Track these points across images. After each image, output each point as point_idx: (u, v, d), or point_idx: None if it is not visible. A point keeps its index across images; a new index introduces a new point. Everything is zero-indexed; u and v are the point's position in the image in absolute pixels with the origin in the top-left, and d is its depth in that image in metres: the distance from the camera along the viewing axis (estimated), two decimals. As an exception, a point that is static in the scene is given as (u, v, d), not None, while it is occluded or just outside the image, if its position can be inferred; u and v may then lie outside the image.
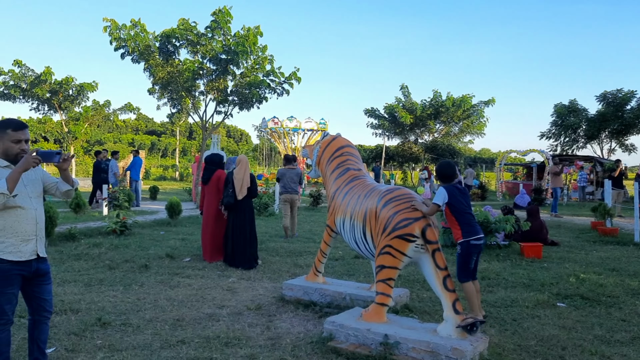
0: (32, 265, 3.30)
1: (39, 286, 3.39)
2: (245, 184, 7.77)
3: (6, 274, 3.19)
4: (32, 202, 3.29)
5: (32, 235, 3.27)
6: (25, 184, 3.28)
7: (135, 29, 15.06)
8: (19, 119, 3.40)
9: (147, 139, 71.95)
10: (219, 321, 4.93)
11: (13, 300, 3.26)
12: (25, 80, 25.24)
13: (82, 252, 8.15)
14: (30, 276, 3.32)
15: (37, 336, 3.46)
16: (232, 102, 16.60)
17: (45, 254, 3.41)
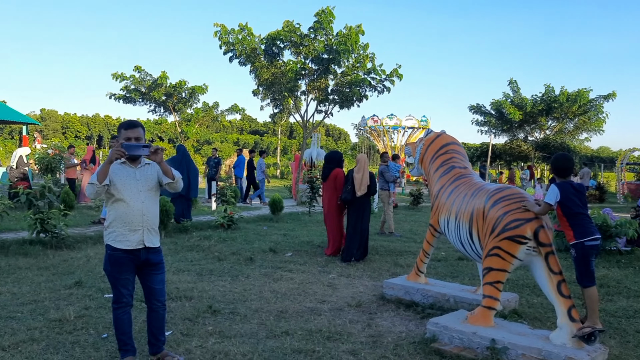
0: (140, 254, 3.56)
1: (149, 275, 3.66)
2: (365, 182, 8.03)
3: (118, 260, 3.52)
4: (139, 196, 3.54)
5: (139, 226, 3.52)
6: (137, 178, 3.56)
7: (242, 32, 15.77)
8: (136, 120, 3.68)
9: (250, 139, 75.15)
10: (320, 315, 5.00)
11: (128, 285, 3.57)
12: (144, 85, 27.37)
13: (194, 244, 8.68)
14: (141, 265, 3.60)
15: (150, 322, 3.73)
16: (332, 101, 16.82)
17: (154, 245, 3.62)
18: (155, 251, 3.65)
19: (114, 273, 3.54)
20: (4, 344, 3.96)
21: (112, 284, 3.59)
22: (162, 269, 3.72)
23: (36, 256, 7.42)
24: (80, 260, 7.23)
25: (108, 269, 3.56)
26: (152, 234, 3.62)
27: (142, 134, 3.56)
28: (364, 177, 8.03)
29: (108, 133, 75.97)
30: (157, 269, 3.68)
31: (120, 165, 3.58)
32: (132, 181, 3.55)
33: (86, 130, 75.67)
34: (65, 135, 71.06)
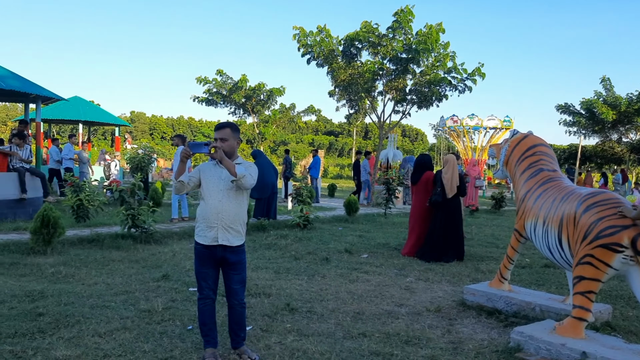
0: (217, 251, 3.67)
1: (227, 274, 3.78)
2: (455, 183, 8.00)
3: (198, 254, 3.75)
4: (218, 194, 3.67)
5: (214, 224, 3.65)
6: (222, 177, 3.69)
7: (320, 34, 15.94)
8: (227, 121, 3.85)
9: (325, 139, 75.80)
10: (398, 319, 4.94)
11: (208, 279, 3.74)
12: (225, 87, 28.37)
13: (271, 242, 8.88)
14: (219, 262, 3.74)
15: (230, 318, 3.86)
16: (410, 101, 16.59)
17: (231, 244, 3.68)
18: (233, 250, 3.71)
19: (196, 266, 3.77)
20: (100, 330, 4.25)
21: (196, 276, 3.81)
22: (240, 269, 3.78)
23: (127, 249, 7.89)
24: (167, 254, 7.61)
25: (194, 262, 3.80)
26: (229, 233, 3.69)
27: (229, 134, 3.70)
28: (454, 178, 7.98)
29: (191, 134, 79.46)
30: (235, 268, 3.76)
31: (212, 164, 3.77)
32: (215, 180, 3.71)
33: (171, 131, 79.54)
34: (153, 136, 75.21)
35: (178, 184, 3.71)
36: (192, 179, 3.74)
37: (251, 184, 3.68)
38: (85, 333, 4.18)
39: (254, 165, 3.82)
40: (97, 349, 3.86)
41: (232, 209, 3.71)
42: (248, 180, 3.64)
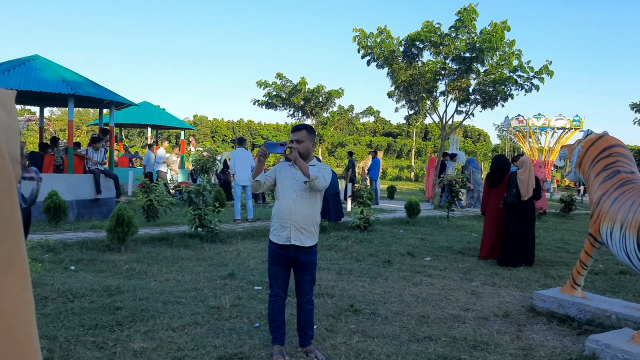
0: (289, 250, 3.77)
1: (298, 274, 3.89)
2: (531, 185, 7.84)
3: (271, 252, 3.88)
4: (291, 195, 3.76)
5: (288, 224, 3.74)
6: (297, 178, 3.78)
7: (381, 35, 15.88)
8: (304, 123, 3.99)
9: (383, 141, 75.29)
10: (464, 323, 4.85)
11: (278, 278, 3.85)
12: (285, 90, 28.82)
13: (332, 244, 8.94)
14: (291, 261, 3.83)
15: (299, 316, 3.96)
16: (474, 101, 16.21)
17: (303, 244, 3.77)
18: (304, 251, 3.80)
19: (269, 264, 3.90)
20: (173, 325, 4.45)
21: (268, 273, 3.93)
22: (310, 269, 3.88)
23: (195, 248, 8.19)
24: (232, 253, 7.84)
25: (268, 260, 3.93)
26: (302, 234, 3.76)
27: (305, 136, 3.80)
28: (530, 180, 7.77)
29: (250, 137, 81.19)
30: (306, 268, 3.85)
31: (287, 165, 3.88)
32: (290, 181, 3.81)
33: (231, 134, 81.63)
34: (214, 139, 77.45)
35: (255, 183, 3.83)
36: (268, 179, 3.86)
37: (324, 185, 3.73)
38: (159, 327, 4.39)
39: (328, 167, 3.89)
40: (171, 343, 4.04)
41: (305, 209, 3.78)
42: (321, 182, 3.69)
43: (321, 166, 3.87)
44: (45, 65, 12.58)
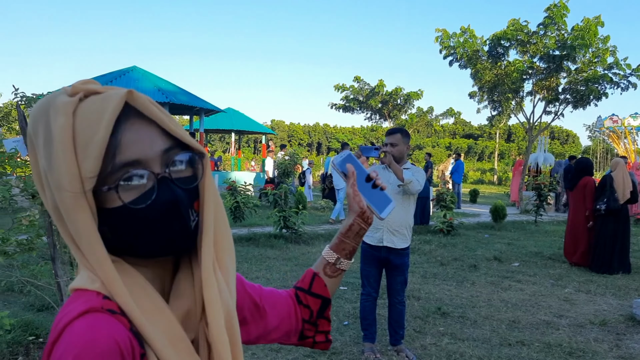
0: (381, 251, 3.84)
1: (390, 275, 3.97)
2: (628, 188, 7.49)
3: (364, 252, 3.96)
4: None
5: (380, 226, 3.79)
6: (390, 182, 3.84)
7: (464, 35, 15.59)
8: (399, 127, 4.07)
9: (464, 143, 73.23)
10: (558, 330, 4.71)
11: (370, 278, 3.94)
12: (362, 93, 28.94)
13: (415, 247, 8.91)
14: (383, 262, 3.90)
15: (390, 315, 4.04)
16: (564, 100, 15.47)
17: (395, 246, 3.82)
18: (396, 253, 3.84)
19: (361, 264, 4.00)
20: (268, 320, 4.69)
21: (360, 273, 4.03)
22: (402, 271, 3.93)
23: (280, 248, 8.49)
24: (316, 254, 8.05)
25: (360, 260, 4.02)
26: (395, 236, 3.82)
27: (399, 139, 3.85)
28: (626, 183, 7.39)
29: (326, 140, 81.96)
30: (398, 271, 3.91)
31: (380, 168, 3.95)
32: (386, 183, 3.83)
33: (307, 138, 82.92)
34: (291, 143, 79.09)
35: None
36: None
37: (417, 189, 3.76)
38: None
39: (422, 170, 3.93)
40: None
41: (398, 212, 3.80)
42: (415, 185, 3.73)
43: (415, 170, 3.90)
44: (143, 75, 13.55)
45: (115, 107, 0.69)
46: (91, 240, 0.69)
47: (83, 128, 0.68)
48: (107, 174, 0.69)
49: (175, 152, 0.73)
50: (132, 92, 0.72)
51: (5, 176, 3.35)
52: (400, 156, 3.83)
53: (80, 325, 0.66)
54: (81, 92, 0.71)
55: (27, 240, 3.44)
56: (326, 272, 1.04)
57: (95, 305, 0.69)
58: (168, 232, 0.72)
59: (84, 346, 0.64)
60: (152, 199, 0.70)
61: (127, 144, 0.70)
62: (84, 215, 0.68)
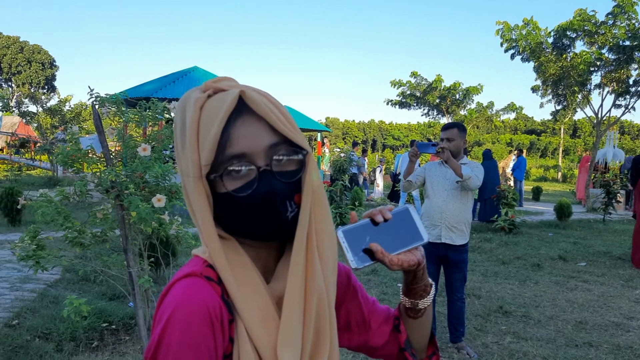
0: (439, 248, 3.76)
1: (449, 271, 3.88)
2: None
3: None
4: (442, 194, 3.77)
5: (438, 222, 3.75)
6: (447, 177, 3.79)
7: (527, 27, 15.05)
8: (456, 122, 3.95)
9: (525, 139, 70.62)
10: (629, 332, 4.50)
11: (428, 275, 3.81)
12: (419, 89, 28.49)
13: (475, 245, 8.72)
14: (441, 259, 3.82)
15: (449, 313, 3.98)
16: (635, 93, 14.63)
17: (454, 243, 3.74)
18: (455, 249, 3.77)
19: None
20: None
21: None
22: (461, 268, 3.84)
23: (337, 245, 8.54)
24: (373, 251, 8.03)
25: None
26: (453, 232, 3.75)
27: (456, 134, 3.74)
28: None
29: (381, 137, 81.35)
30: (456, 268, 3.83)
31: (437, 164, 3.89)
32: (440, 180, 3.82)
33: (362, 135, 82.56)
34: (345, 141, 79.11)
35: (406, 182, 3.92)
36: (418, 178, 3.92)
37: (476, 185, 3.70)
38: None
39: (480, 166, 3.82)
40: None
41: (457, 208, 3.76)
42: (474, 181, 3.66)
43: (474, 165, 3.83)
44: (203, 75, 13.99)
45: (229, 105, 0.79)
46: (204, 218, 0.80)
47: (205, 122, 0.79)
48: (218, 164, 0.79)
49: (280, 148, 0.80)
50: (244, 92, 0.80)
51: (81, 172, 3.57)
52: (457, 151, 3.74)
53: (180, 286, 0.79)
54: (211, 89, 0.82)
55: (100, 233, 3.64)
56: (409, 315, 0.99)
57: (196, 270, 0.81)
58: (265, 221, 0.80)
59: (179, 305, 0.76)
60: (252, 189, 0.78)
61: (236, 138, 0.78)
62: (200, 196, 0.80)
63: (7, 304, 4.77)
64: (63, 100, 28.51)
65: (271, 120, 0.80)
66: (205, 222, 0.81)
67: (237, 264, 0.82)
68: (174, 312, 0.76)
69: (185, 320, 0.75)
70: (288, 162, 0.81)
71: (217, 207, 0.82)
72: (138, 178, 3.35)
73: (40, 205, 3.28)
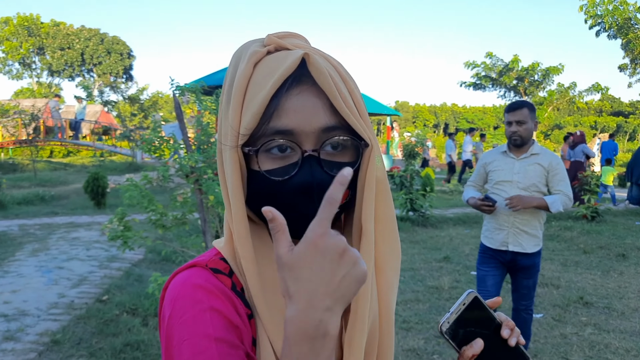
0: (506, 255, 3.12)
1: (515, 276, 3.22)
2: None
3: (482, 253, 3.26)
4: (509, 191, 3.07)
5: (505, 226, 3.08)
6: (516, 170, 3.09)
7: (613, 2, 14.04)
8: (522, 100, 3.28)
9: (611, 121, 66.14)
10: None
11: (486, 280, 3.19)
12: (495, 70, 27.37)
13: (554, 234, 8.34)
14: (506, 264, 3.17)
15: (514, 320, 3.39)
16: None
17: (523, 250, 3.09)
18: (524, 255, 3.11)
19: (478, 262, 3.32)
20: (396, 300, 4.75)
21: (476, 273, 3.35)
22: (531, 273, 3.18)
23: (407, 231, 8.46)
24: (445, 238, 7.91)
25: (477, 258, 3.34)
26: (521, 237, 3.09)
27: (527, 116, 3.03)
28: None
29: (454, 121, 79.07)
30: (526, 274, 3.17)
31: (499, 153, 3.20)
32: (507, 173, 3.12)
33: (434, 118, 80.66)
34: (415, 125, 77.64)
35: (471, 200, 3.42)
36: (478, 177, 3.40)
37: (569, 206, 3.11)
38: (384, 299, 4.73)
39: (562, 169, 3.11)
40: (396, 315, 4.32)
41: (538, 212, 3.11)
42: (566, 204, 3.05)
43: (554, 170, 3.06)
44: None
45: (287, 68, 0.65)
46: (235, 194, 0.68)
47: (255, 83, 0.66)
48: (258, 136, 0.66)
49: (335, 134, 0.66)
50: (308, 54, 0.65)
51: (164, 158, 3.77)
52: (529, 136, 3.06)
53: (179, 278, 0.69)
54: (273, 45, 0.69)
55: (181, 215, 3.84)
56: None
57: (200, 261, 0.71)
58: (297, 215, 0.66)
59: (180, 295, 0.66)
60: (289, 174, 0.66)
61: (286, 110, 0.65)
62: (235, 171, 0.68)
63: (97, 281, 5.16)
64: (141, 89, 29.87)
65: (333, 96, 0.65)
66: (236, 201, 0.68)
67: (261, 254, 0.69)
68: (175, 300, 0.66)
69: (192, 302, 0.64)
70: (342, 152, 0.68)
71: (248, 185, 0.69)
72: (215, 163, 3.50)
73: (127, 189, 3.50)
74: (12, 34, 40.34)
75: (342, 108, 0.66)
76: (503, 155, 3.17)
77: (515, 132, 3.06)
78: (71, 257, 6.13)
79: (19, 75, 42.69)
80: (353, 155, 0.68)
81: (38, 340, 3.65)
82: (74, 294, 4.71)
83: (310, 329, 0.55)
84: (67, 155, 21.90)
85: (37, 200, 10.36)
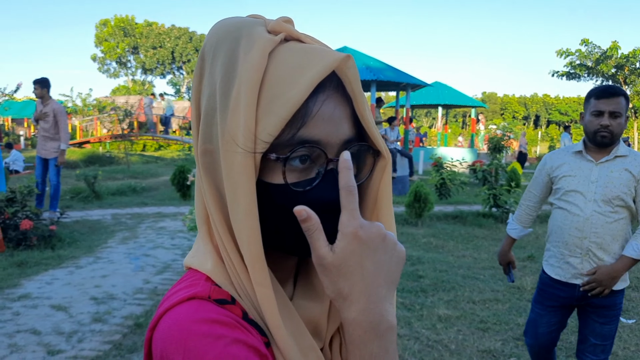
0: (575, 290, 2.38)
1: (586, 318, 2.46)
2: None
3: (542, 286, 2.56)
4: (585, 206, 2.32)
5: (578, 251, 2.34)
6: (593, 179, 2.34)
7: None
8: (615, 86, 2.44)
9: None
10: None
11: (541, 325, 2.53)
12: (591, 58, 25.59)
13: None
14: (574, 300, 2.43)
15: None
16: None
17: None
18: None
19: (533, 299, 2.64)
20: (474, 298, 4.57)
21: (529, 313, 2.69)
22: (611, 316, 2.38)
23: (489, 228, 8.12)
24: (530, 236, 7.43)
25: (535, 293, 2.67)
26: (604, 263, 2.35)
27: (623, 107, 2.29)
28: None
29: (545, 113, 75.00)
30: (601, 312, 2.39)
31: (573, 154, 2.43)
32: (583, 182, 2.36)
33: (523, 110, 76.89)
34: (503, 117, 74.26)
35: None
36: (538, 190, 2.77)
37: None
38: (460, 298, 4.56)
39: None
40: (473, 314, 4.16)
41: (612, 229, 2.33)
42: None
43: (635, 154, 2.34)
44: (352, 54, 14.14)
45: (326, 66, 0.56)
46: (250, 209, 0.57)
47: (277, 77, 0.56)
48: (281, 143, 0.57)
49: (355, 145, 0.61)
50: (350, 57, 0.58)
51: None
52: (619, 134, 2.31)
53: (181, 309, 0.57)
54: (283, 33, 0.59)
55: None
56: None
57: (201, 292, 0.59)
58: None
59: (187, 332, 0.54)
60: (311, 186, 0.58)
61: (319, 118, 0.57)
62: (250, 180, 0.56)
63: (179, 269, 5.40)
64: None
65: (360, 106, 0.60)
66: (249, 217, 0.56)
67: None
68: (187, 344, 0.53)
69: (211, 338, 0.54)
70: (357, 163, 0.62)
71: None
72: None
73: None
74: (110, 35, 43.38)
75: (364, 116, 0.61)
76: (577, 157, 2.40)
77: (606, 126, 2.27)
78: (157, 246, 6.48)
79: (115, 73, 45.91)
80: (369, 166, 0.64)
81: (123, 323, 3.88)
82: (157, 280, 4.97)
83: (376, 326, 0.54)
84: (158, 149, 23.27)
85: (129, 191, 11.07)
